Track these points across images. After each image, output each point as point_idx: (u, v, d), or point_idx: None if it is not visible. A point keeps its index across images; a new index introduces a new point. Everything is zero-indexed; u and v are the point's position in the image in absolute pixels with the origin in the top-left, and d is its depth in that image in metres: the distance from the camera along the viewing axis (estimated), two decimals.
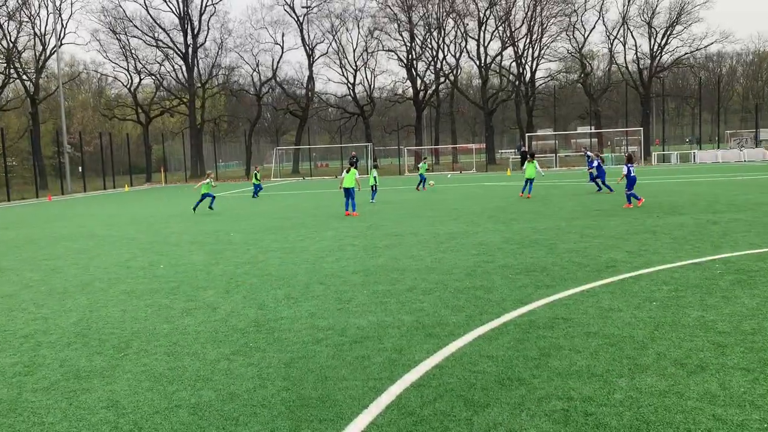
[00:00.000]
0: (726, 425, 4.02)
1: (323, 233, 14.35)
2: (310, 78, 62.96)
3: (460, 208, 18.76)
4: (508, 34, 59.57)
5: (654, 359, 5.22)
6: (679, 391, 4.56)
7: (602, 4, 59.61)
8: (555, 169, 47.49)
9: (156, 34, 58.38)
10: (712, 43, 63.15)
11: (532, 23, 59.25)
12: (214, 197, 21.69)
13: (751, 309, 6.53)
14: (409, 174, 49.51)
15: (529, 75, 62.12)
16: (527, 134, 55.03)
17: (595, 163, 23.41)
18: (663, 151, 55.53)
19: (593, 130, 61.22)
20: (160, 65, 59.95)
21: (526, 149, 49.61)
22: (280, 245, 12.75)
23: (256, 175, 30.07)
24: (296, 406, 4.62)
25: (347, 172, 18.65)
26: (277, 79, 63.77)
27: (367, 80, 66.43)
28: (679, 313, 6.51)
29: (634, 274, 8.47)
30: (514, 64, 61.79)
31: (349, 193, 18.36)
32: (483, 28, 59.65)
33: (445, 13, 60.18)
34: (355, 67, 63.32)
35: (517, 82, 61.84)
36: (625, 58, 61.81)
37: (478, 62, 61.02)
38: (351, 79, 63.61)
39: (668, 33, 58.53)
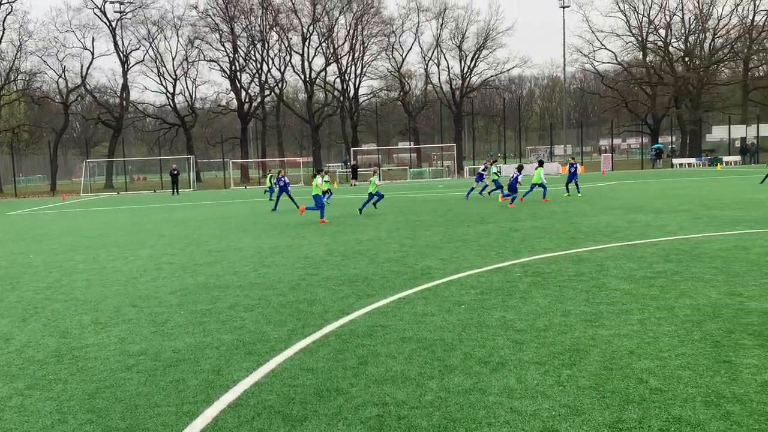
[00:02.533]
0: (521, 416, 4.42)
1: (138, 252, 13.51)
2: (125, 86, 59.16)
3: (286, 221, 18.70)
4: (332, 51, 60.90)
5: (461, 359, 5.61)
6: (482, 388, 4.93)
7: (417, 26, 63.25)
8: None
9: None
10: (513, 67, 70.73)
11: (354, 42, 61.18)
12: (382, 196, 20.99)
13: (543, 307, 7.27)
14: (235, 187, 48.39)
15: (352, 91, 63.97)
16: (352, 148, 56.47)
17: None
18: (474, 165, 59.95)
19: (413, 146, 64.52)
20: None
21: (356, 163, 50.90)
22: (87, 266, 11.77)
23: (270, 178, 29.99)
24: None
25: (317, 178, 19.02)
26: (87, 86, 59.06)
27: (188, 90, 63.87)
28: (484, 314, 7.07)
29: (446, 279, 9.05)
30: (338, 80, 63.23)
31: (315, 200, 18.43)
32: (307, 43, 60.42)
33: (268, 27, 59.93)
34: (174, 77, 60.73)
35: (341, 98, 63.32)
36: (439, 78, 66.11)
37: (303, 77, 61.62)
38: (170, 89, 60.94)
39: (476, 56, 63.56)
